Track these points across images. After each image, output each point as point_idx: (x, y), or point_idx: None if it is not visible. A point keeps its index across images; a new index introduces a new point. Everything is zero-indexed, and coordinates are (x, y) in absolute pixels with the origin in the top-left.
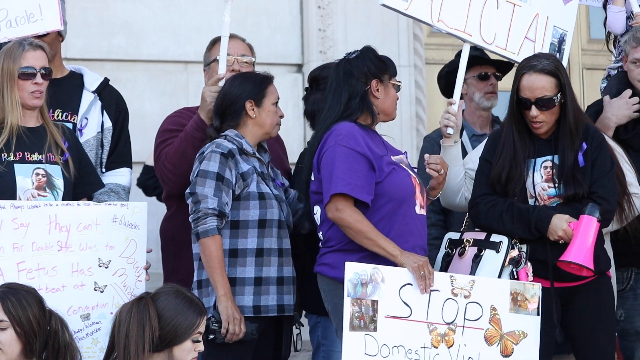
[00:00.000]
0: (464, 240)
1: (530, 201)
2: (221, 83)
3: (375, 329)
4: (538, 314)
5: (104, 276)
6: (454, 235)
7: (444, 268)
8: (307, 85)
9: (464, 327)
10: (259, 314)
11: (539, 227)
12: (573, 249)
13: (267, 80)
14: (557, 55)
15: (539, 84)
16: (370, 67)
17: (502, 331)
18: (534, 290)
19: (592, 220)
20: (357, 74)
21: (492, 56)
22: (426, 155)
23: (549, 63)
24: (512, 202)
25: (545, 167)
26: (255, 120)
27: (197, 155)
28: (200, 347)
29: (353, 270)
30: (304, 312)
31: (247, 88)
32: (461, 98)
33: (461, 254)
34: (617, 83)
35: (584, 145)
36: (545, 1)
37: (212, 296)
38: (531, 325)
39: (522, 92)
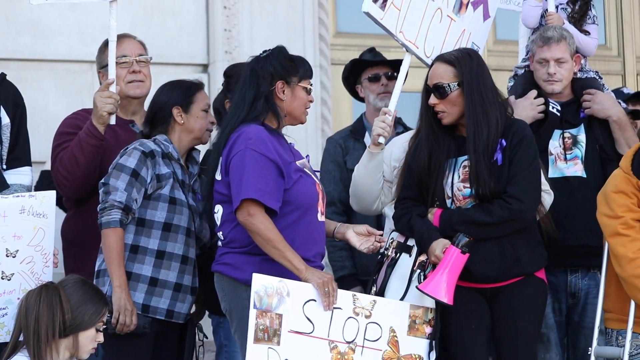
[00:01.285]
0: (391, 241)
1: (448, 202)
2: (112, 88)
3: (278, 343)
4: (433, 339)
5: (11, 265)
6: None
7: (377, 271)
8: (217, 85)
9: (363, 347)
10: (147, 313)
11: (424, 249)
12: (428, 278)
13: (195, 87)
14: None
15: (437, 72)
16: (276, 67)
17: (399, 354)
18: (431, 315)
19: (454, 251)
20: (263, 74)
21: (388, 57)
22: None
23: (453, 53)
24: (412, 216)
25: (465, 167)
26: (184, 127)
27: (122, 150)
28: (101, 337)
29: (261, 282)
30: (207, 313)
31: (174, 95)
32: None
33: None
34: (523, 83)
35: (503, 142)
36: (470, 17)
37: (108, 287)
38: (425, 348)
39: (427, 81)
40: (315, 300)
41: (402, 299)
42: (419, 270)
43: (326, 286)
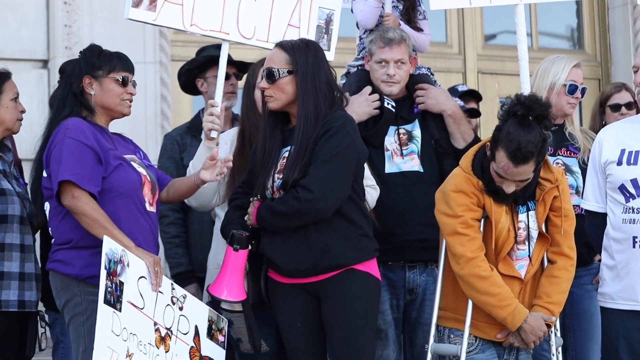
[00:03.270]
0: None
1: (267, 193)
2: None
3: (120, 310)
4: (224, 348)
5: None
6: None
7: None
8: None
9: (177, 337)
10: None
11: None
12: (215, 279)
13: (2, 76)
14: (325, 37)
15: (271, 57)
16: (81, 64)
17: (200, 353)
18: (223, 324)
19: (229, 250)
20: (72, 74)
21: (247, 52)
22: None
23: (292, 41)
24: (230, 209)
25: (284, 158)
26: None
27: None
28: None
29: (109, 246)
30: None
31: None
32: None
33: None
34: (357, 80)
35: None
36: None
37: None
38: (221, 356)
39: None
40: (146, 278)
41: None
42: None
43: (156, 266)
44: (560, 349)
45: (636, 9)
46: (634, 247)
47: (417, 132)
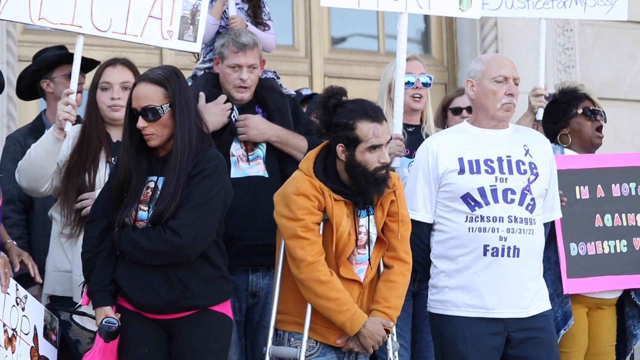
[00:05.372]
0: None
1: (127, 219)
2: None
3: None
4: (56, 347)
5: None
6: None
7: None
8: None
9: (20, 337)
10: None
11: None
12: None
13: None
14: (191, 27)
15: (144, 93)
16: None
17: (39, 353)
18: (55, 323)
19: (98, 339)
20: None
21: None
22: None
23: (161, 73)
24: (85, 237)
25: (148, 188)
26: None
27: None
28: None
29: None
30: None
31: None
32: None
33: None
34: (205, 84)
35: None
36: None
37: None
38: (54, 355)
39: (132, 103)
40: None
41: None
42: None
43: (5, 267)
44: (397, 353)
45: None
46: (484, 255)
47: None
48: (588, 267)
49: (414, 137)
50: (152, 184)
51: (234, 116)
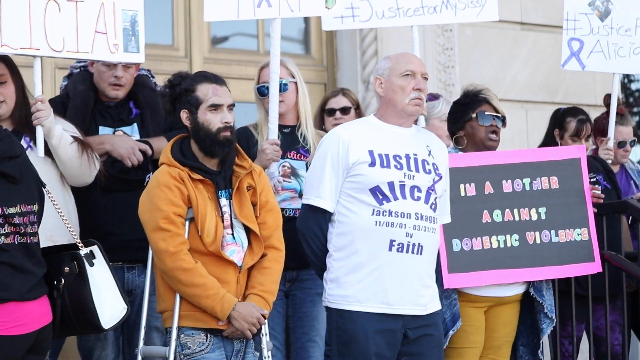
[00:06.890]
0: None
1: None
2: None
3: None
4: None
5: None
6: None
7: None
8: None
9: None
10: None
11: None
12: None
13: None
14: (133, 38)
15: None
16: None
17: None
18: None
19: None
20: None
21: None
22: None
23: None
24: None
25: None
26: None
27: None
28: None
29: None
30: None
31: None
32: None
33: None
34: (82, 81)
35: None
36: None
37: None
38: None
39: None
40: None
41: None
42: None
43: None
44: (270, 353)
45: None
46: (390, 250)
47: (136, 135)
48: (472, 262)
49: (288, 138)
50: None
51: None
